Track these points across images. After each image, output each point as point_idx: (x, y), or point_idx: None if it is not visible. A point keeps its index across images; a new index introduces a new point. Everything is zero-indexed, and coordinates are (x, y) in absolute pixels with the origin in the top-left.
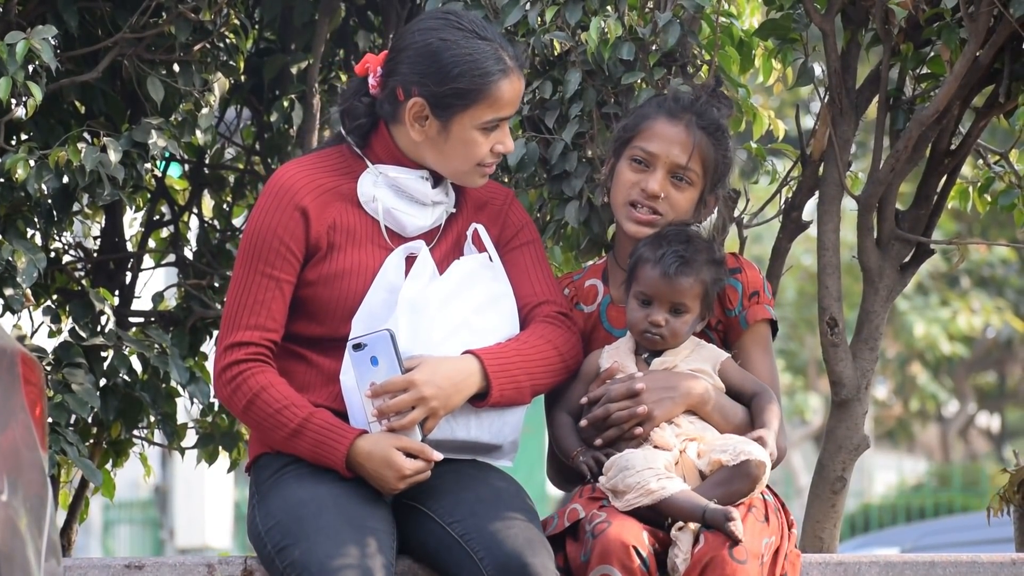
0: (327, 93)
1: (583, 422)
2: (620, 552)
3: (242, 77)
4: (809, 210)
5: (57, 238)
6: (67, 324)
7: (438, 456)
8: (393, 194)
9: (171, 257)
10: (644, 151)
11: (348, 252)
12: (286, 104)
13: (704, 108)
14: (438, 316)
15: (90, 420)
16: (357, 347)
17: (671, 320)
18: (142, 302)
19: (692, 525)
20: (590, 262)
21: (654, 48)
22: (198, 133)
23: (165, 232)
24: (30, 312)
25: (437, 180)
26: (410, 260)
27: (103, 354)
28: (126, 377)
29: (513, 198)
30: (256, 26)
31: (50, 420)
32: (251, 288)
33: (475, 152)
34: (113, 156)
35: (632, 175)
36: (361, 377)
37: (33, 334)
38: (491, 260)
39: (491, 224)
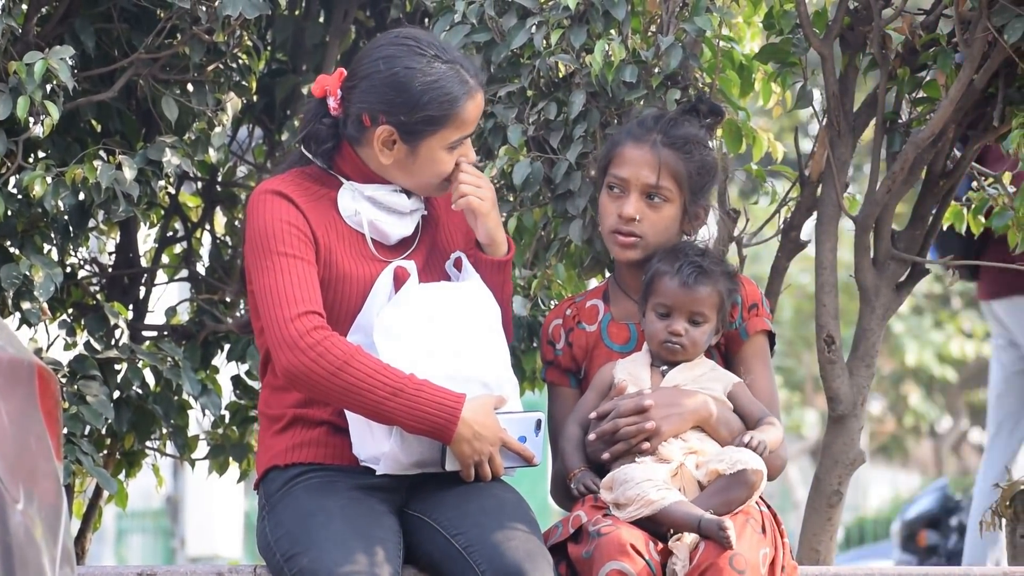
0: None
1: (591, 436)
2: (625, 549)
3: (254, 97)
4: (807, 230)
5: (73, 253)
6: (82, 337)
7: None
8: (372, 206)
9: (184, 272)
10: (616, 177)
11: (343, 257)
12: (297, 124)
13: (670, 125)
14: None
15: (104, 431)
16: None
17: (690, 330)
18: (155, 316)
19: (688, 537)
20: (592, 281)
21: (657, 71)
22: (211, 151)
23: (178, 248)
24: (46, 325)
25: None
26: (399, 271)
27: (117, 367)
28: (139, 389)
29: None
30: (268, 48)
31: (65, 431)
32: (281, 271)
33: (442, 169)
34: (128, 173)
35: (610, 203)
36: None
37: (49, 347)
38: (476, 285)
39: (461, 217)
